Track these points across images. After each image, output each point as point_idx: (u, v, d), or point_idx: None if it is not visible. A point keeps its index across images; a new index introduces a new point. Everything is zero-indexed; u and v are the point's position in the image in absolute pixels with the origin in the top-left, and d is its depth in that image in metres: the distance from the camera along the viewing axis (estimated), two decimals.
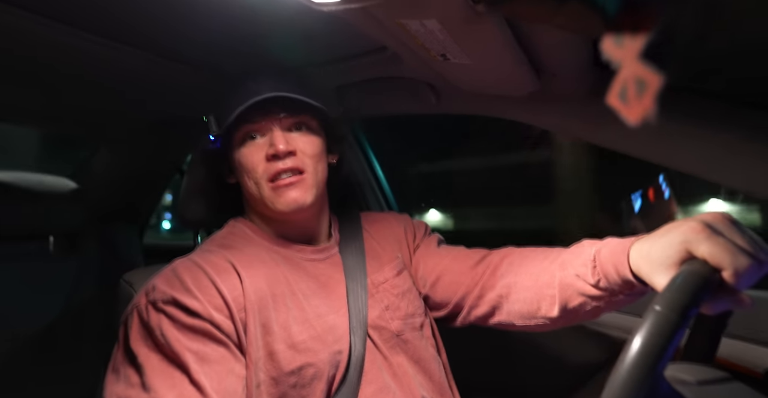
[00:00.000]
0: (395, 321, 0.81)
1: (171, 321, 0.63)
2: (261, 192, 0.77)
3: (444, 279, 0.86)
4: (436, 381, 0.82)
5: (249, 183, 0.78)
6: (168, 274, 0.68)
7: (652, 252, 0.51)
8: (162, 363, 0.61)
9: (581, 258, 0.65)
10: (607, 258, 0.60)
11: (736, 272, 0.44)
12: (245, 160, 0.78)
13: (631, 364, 0.36)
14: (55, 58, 0.92)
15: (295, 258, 0.80)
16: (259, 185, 0.77)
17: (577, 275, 0.65)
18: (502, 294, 0.77)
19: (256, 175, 0.77)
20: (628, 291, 0.61)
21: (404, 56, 0.85)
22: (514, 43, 0.70)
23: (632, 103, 0.37)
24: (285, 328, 0.69)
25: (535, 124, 0.94)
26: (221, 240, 0.80)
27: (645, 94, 0.36)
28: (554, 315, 0.70)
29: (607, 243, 0.63)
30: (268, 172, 0.76)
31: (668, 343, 0.37)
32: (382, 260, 0.88)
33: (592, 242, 0.67)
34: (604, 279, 0.61)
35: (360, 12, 0.65)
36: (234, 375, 0.64)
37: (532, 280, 0.73)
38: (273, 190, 0.76)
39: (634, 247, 0.56)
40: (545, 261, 0.73)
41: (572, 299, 0.66)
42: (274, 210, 0.77)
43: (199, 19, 0.79)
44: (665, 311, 0.38)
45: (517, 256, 0.79)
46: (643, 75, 0.36)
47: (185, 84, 1.10)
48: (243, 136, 0.78)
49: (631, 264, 0.56)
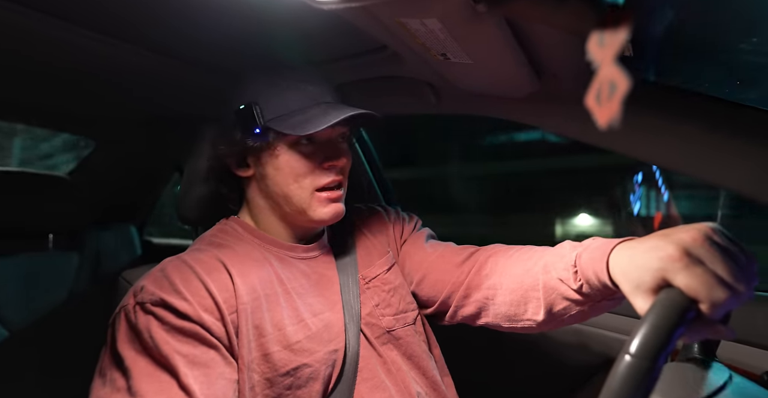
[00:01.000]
0: (386, 318, 0.81)
1: (160, 323, 0.61)
2: (303, 197, 0.75)
3: (429, 278, 0.86)
4: (429, 376, 0.81)
5: (292, 186, 0.75)
6: (157, 275, 0.67)
7: (629, 271, 0.49)
8: (150, 366, 0.60)
9: (563, 261, 0.64)
10: (588, 264, 0.59)
11: (712, 306, 0.42)
12: (297, 164, 0.74)
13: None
14: (53, 55, 0.91)
15: (287, 256, 0.79)
16: (304, 191, 0.75)
17: (560, 279, 0.64)
18: (488, 296, 0.76)
19: (305, 181, 0.74)
20: (611, 296, 0.60)
21: (404, 55, 0.85)
22: (514, 43, 0.70)
23: (603, 104, 0.37)
24: (279, 329, 0.69)
25: (536, 125, 0.94)
26: (211, 239, 0.78)
27: (614, 96, 0.36)
28: (540, 318, 0.69)
29: (587, 246, 0.61)
30: (320, 180, 0.75)
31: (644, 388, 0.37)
32: (372, 255, 0.87)
33: (574, 245, 0.66)
34: (586, 285, 0.60)
35: (360, 11, 0.65)
36: (224, 379, 0.62)
37: (517, 283, 0.72)
38: (319, 199, 0.75)
39: (612, 256, 0.55)
40: (529, 262, 0.71)
41: (557, 303, 0.66)
42: (312, 218, 0.76)
43: (199, 17, 0.79)
44: (637, 360, 0.37)
45: (501, 255, 0.78)
46: (614, 77, 0.36)
47: (184, 81, 1.10)
48: (298, 139, 0.74)
49: (610, 273, 0.54)
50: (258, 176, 0.78)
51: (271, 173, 0.76)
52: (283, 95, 0.75)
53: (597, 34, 0.39)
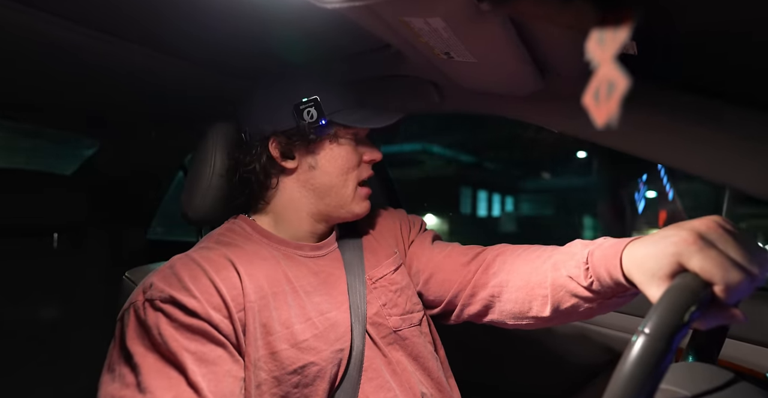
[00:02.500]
0: (393, 318, 0.81)
1: (168, 320, 0.62)
2: (348, 189, 0.80)
3: (436, 277, 0.86)
4: (435, 377, 0.82)
5: (341, 177, 0.80)
6: (166, 271, 0.67)
7: (643, 261, 0.50)
8: (158, 362, 0.60)
9: (574, 259, 0.64)
10: (600, 260, 0.59)
11: (727, 287, 0.42)
12: (351, 156, 0.80)
13: (620, 391, 0.36)
14: (59, 55, 0.92)
15: (295, 254, 0.80)
16: (350, 183, 0.80)
17: (570, 276, 0.64)
18: (494, 294, 0.77)
19: (353, 174, 0.81)
20: (622, 293, 0.60)
21: (408, 54, 0.84)
22: (518, 42, 0.69)
23: (601, 103, 0.37)
24: (287, 327, 0.69)
25: (539, 124, 0.93)
26: (219, 238, 0.79)
27: (612, 96, 0.36)
28: (546, 315, 0.69)
29: (599, 244, 0.62)
30: (363, 174, 0.82)
31: (657, 370, 0.36)
32: (379, 255, 0.88)
33: (585, 243, 0.66)
34: (596, 282, 0.60)
35: (364, 10, 0.65)
36: (231, 377, 0.63)
37: (524, 280, 0.72)
38: (360, 193, 0.82)
39: (626, 252, 0.55)
40: (537, 260, 0.72)
41: (565, 300, 0.66)
42: (352, 210, 0.81)
43: (203, 17, 0.79)
44: (652, 341, 0.37)
45: (509, 254, 0.79)
46: (613, 77, 0.36)
47: (188, 81, 1.10)
48: (353, 133, 0.81)
49: (624, 269, 0.55)
50: (305, 168, 0.80)
51: (324, 164, 0.79)
52: (335, 92, 0.80)
53: (597, 32, 0.38)
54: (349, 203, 0.80)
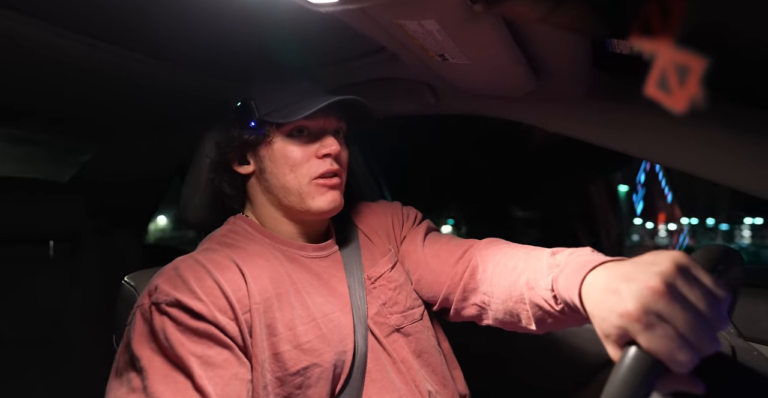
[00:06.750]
0: (395, 316, 0.81)
1: (175, 324, 0.61)
2: (301, 187, 0.77)
3: (426, 279, 0.86)
4: (439, 373, 0.82)
5: (288, 177, 0.77)
6: (170, 273, 0.66)
7: (595, 315, 0.49)
8: (165, 367, 0.60)
9: (543, 281, 0.63)
10: (564, 291, 0.58)
11: (676, 366, 0.42)
12: (293, 154, 0.77)
13: None
14: (52, 60, 0.92)
15: (297, 256, 0.79)
16: (301, 181, 0.77)
17: (544, 298, 0.63)
18: (484, 301, 0.76)
19: (302, 171, 0.77)
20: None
21: (403, 57, 0.85)
22: (512, 43, 0.70)
23: (675, 91, 0.35)
24: (290, 328, 0.69)
25: (534, 124, 0.94)
26: (222, 239, 0.79)
27: (688, 80, 0.34)
28: (533, 328, 0.69)
29: (562, 269, 0.60)
30: (316, 169, 0.77)
31: None
32: (375, 254, 0.87)
33: (549, 264, 0.64)
34: (566, 308, 0.60)
35: (358, 13, 0.65)
36: (238, 380, 0.63)
37: (506, 294, 0.71)
38: (317, 187, 0.77)
39: (584, 289, 0.53)
40: (513, 273, 0.70)
41: (546, 317, 0.66)
42: (310, 207, 0.77)
43: (198, 22, 0.79)
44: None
45: (490, 261, 0.77)
46: (683, 60, 0.34)
47: (183, 86, 1.10)
48: (291, 130, 0.78)
49: (584, 306, 0.53)
50: (258, 171, 0.80)
51: (269, 166, 0.78)
52: (277, 92, 0.79)
53: (636, 26, 0.37)
54: (305, 199, 0.77)
